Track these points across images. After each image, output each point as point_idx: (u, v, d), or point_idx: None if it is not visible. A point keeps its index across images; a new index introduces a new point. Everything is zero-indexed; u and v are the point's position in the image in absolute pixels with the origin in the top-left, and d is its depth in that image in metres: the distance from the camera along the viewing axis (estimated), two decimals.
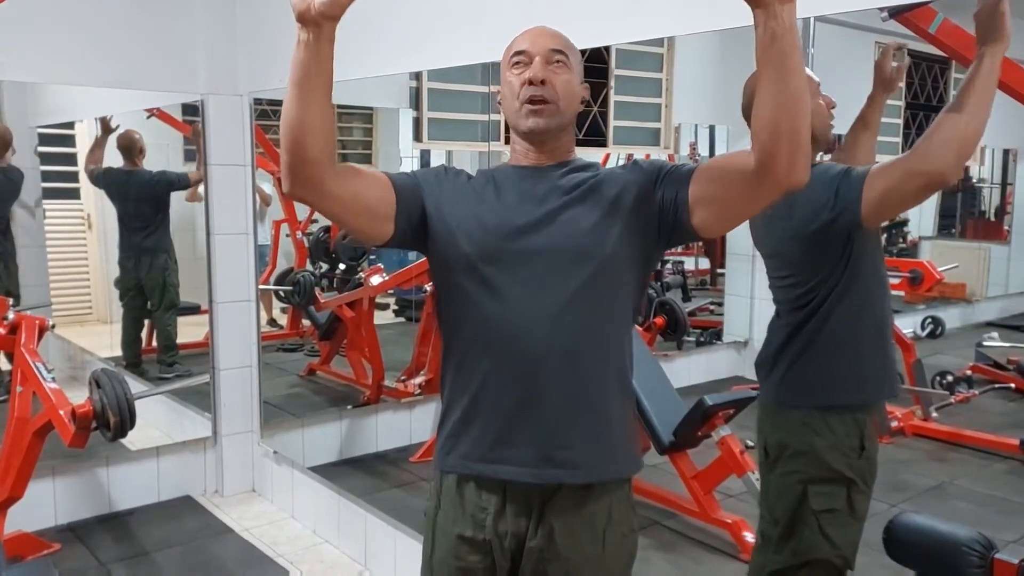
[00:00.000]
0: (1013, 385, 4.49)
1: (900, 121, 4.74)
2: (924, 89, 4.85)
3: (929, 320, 5.36)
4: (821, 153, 2.11)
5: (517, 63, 1.53)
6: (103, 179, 4.61)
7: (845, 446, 1.96)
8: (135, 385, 2.89)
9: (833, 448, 1.96)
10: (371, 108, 5.43)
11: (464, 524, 1.55)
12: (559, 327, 1.47)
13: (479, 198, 1.54)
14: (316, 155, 1.36)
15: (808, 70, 2.05)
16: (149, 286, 4.60)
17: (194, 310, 4.48)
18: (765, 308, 2.20)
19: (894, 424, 4.04)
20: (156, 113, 4.39)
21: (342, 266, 5.50)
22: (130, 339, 4.72)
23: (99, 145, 4.55)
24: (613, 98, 4.65)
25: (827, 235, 1.88)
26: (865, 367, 2.00)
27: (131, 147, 4.51)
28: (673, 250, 6.73)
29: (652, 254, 1.56)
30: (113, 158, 4.55)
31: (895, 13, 1.92)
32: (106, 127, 4.51)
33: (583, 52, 1.63)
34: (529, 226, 1.49)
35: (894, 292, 1.97)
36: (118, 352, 4.71)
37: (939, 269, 4.57)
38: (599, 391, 1.51)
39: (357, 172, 1.49)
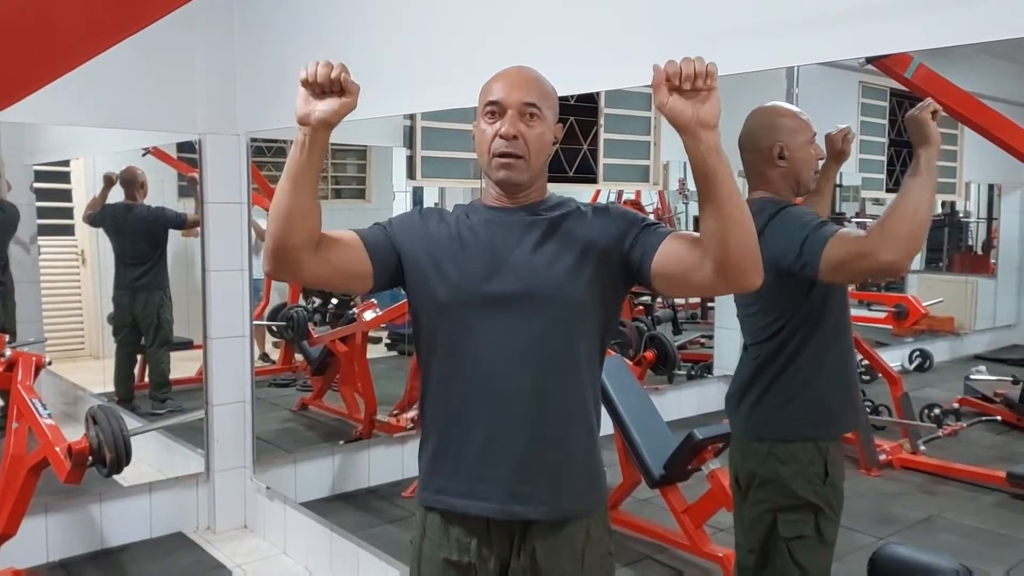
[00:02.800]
0: (1000, 418, 4.53)
1: (884, 158, 4.82)
2: (907, 126, 4.94)
3: (917, 353, 5.40)
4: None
5: (490, 112, 1.56)
6: (100, 216, 4.65)
7: (809, 473, 2.02)
8: (128, 421, 2.90)
9: (798, 476, 2.01)
10: (365, 146, 5.49)
11: (449, 549, 1.60)
12: (528, 369, 1.53)
13: (454, 243, 1.58)
14: (299, 242, 1.47)
15: (805, 116, 2.11)
16: (144, 323, 4.62)
17: (187, 345, 4.50)
18: None
19: (882, 457, 4.07)
20: (152, 151, 4.44)
21: (335, 301, 5.53)
22: (123, 375, 4.72)
23: (102, 196, 4.61)
24: (603, 136, 4.73)
25: (791, 276, 1.94)
26: (827, 405, 2.06)
27: (132, 181, 4.55)
28: None
29: (619, 298, 1.62)
30: (114, 194, 4.60)
31: (872, 60, 1.99)
32: (109, 181, 4.57)
33: (571, 98, 1.69)
34: (503, 272, 1.54)
35: (881, 326, 2.06)
36: (110, 388, 4.71)
37: (924, 303, 4.63)
38: (565, 430, 1.57)
39: (332, 242, 1.54)
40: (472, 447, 1.56)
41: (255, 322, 4.07)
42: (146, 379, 4.74)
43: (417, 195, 5.26)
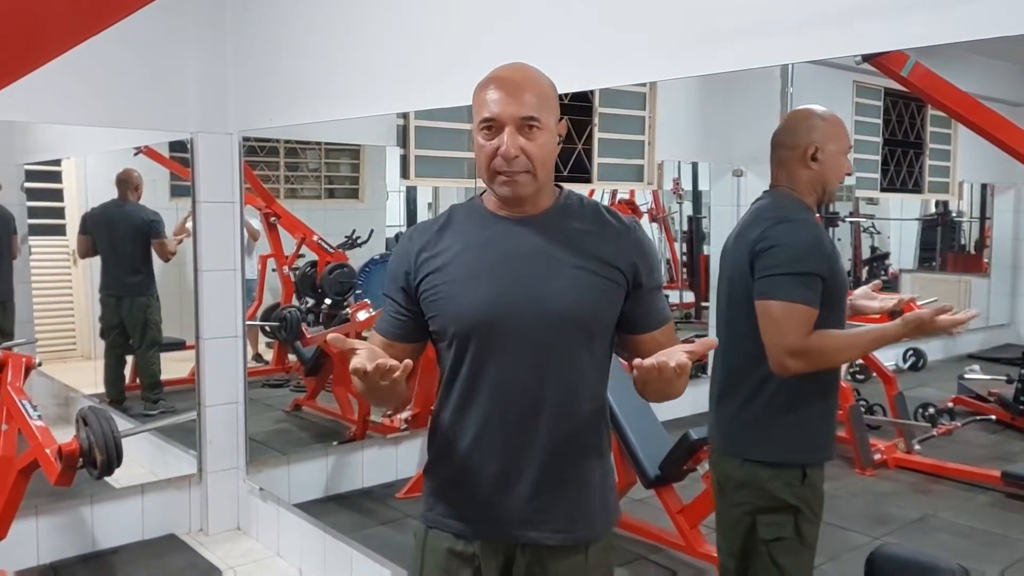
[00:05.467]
0: (995, 417, 4.53)
1: (878, 158, 4.83)
2: (901, 126, 4.95)
3: (911, 353, 5.40)
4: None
5: (487, 127, 1.47)
6: (92, 217, 4.61)
7: (787, 475, 2.00)
8: (120, 422, 2.88)
9: (776, 478, 2.00)
10: (359, 145, 5.47)
11: (454, 542, 1.58)
12: (547, 394, 1.51)
13: (463, 267, 1.52)
14: (401, 404, 1.51)
15: (844, 125, 2.10)
16: (131, 324, 4.58)
17: (179, 346, 4.47)
18: None
19: (877, 457, 4.07)
20: (144, 150, 4.41)
21: (328, 301, 5.51)
22: (113, 376, 4.69)
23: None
24: (597, 135, 4.72)
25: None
26: (806, 432, 2.03)
27: (127, 181, 4.52)
28: None
29: (616, 320, 1.58)
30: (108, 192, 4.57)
31: (869, 58, 1.99)
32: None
33: (566, 96, 1.66)
34: (518, 293, 1.49)
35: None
36: (102, 389, 4.68)
37: (919, 303, 4.62)
38: (580, 457, 1.55)
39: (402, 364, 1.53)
40: (487, 475, 1.53)
41: (248, 322, 4.05)
42: (137, 380, 4.70)
43: (411, 195, 5.25)
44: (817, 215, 2.14)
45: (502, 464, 1.52)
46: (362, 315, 4.63)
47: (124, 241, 4.58)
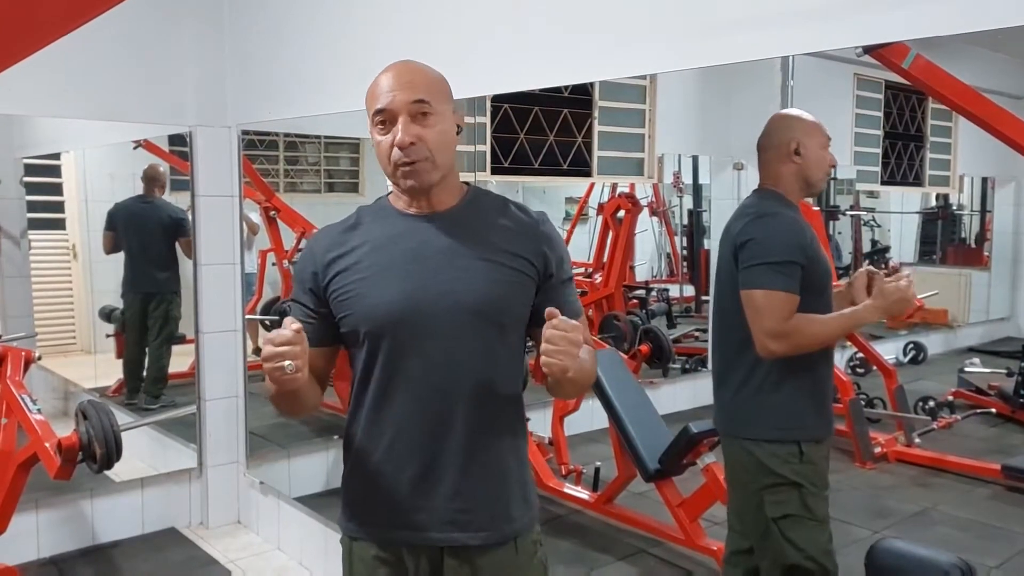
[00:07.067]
0: (995, 410, 4.53)
1: (879, 151, 4.82)
2: (902, 119, 4.94)
3: (911, 346, 5.41)
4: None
5: (381, 123, 1.48)
6: (118, 213, 4.59)
7: (783, 452, 2.09)
8: (120, 416, 2.87)
9: (773, 455, 2.10)
10: (359, 138, 5.46)
11: (379, 550, 1.58)
12: (461, 393, 1.50)
13: (369, 267, 1.51)
14: (310, 411, 1.61)
15: (820, 122, 2.20)
16: (152, 319, 4.57)
17: (179, 340, 4.46)
18: None
19: (877, 450, 4.07)
20: (143, 144, 4.40)
21: None
22: (134, 368, 4.67)
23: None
24: (597, 128, 4.71)
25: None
26: (796, 410, 2.13)
27: (155, 178, 4.50)
28: (658, 278, 6.78)
29: (528, 312, 1.56)
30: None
31: (869, 50, 1.98)
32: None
33: (565, 90, 1.66)
34: (427, 292, 1.48)
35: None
36: (102, 383, 4.67)
37: (919, 296, 4.62)
38: (498, 452, 1.55)
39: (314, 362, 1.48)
40: (407, 477, 1.52)
41: (248, 316, 4.04)
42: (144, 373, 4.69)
43: None
44: (816, 209, 2.19)
45: (421, 464, 1.51)
46: None
47: (153, 238, 4.55)
